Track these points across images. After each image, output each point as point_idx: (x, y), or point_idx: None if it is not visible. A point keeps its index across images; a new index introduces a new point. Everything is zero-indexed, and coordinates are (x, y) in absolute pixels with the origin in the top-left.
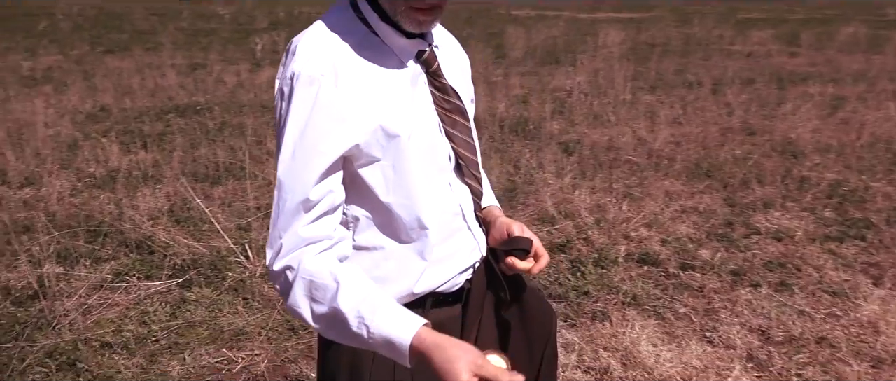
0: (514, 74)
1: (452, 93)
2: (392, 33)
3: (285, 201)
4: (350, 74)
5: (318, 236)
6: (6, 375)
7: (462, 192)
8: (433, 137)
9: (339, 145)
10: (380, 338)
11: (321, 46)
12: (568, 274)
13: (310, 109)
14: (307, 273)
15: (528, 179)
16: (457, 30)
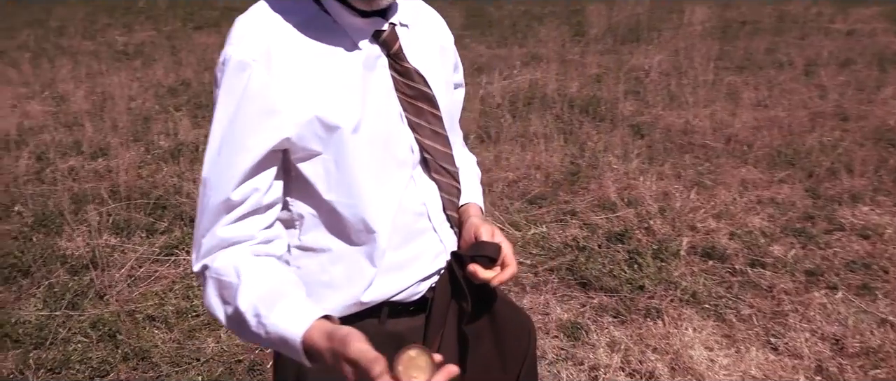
0: (591, 52)
1: (417, 78)
2: (343, 11)
3: (209, 199)
4: (286, 58)
5: (239, 237)
6: (48, 343)
7: (428, 188)
8: (390, 127)
9: (266, 141)
10: (277, 337)
11: (257, 27)
12: (624, 266)
13: (238, 100)
14: (215, 272)
15: (592, 163)
16: (537, 6)
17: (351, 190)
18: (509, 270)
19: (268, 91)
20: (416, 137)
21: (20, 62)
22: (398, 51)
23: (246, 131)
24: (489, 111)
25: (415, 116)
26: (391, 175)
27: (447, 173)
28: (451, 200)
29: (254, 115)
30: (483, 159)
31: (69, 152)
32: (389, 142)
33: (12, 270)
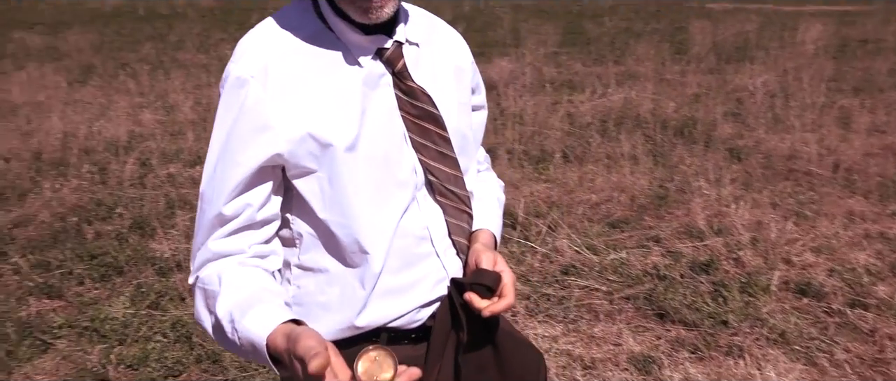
0: (691, 71)
1: (423, 97)
2: (346, 29)
3: (204, 213)
4: (282, 75)
5: (230, 251)
6: (130, 340)
7: (432, 212)
8: (392, 146)
9: (257, 156)
10: (247, 342)
11: (258, 45)
12: (707, 298)
13: (235, 116)
14: (202, 282)
15: (681, 188)
16: (641, 24)
17: (344, 210)
18: (505, 301)
19: (262, 107)
20: (420, 157)
21: (139, 74)
22: (402, 69)
23: (239, 147)
24: (576, 131)
25: (419, 136)
26: (390, 196)
27: (454, 197)
28: (459, 224)
29: (247, 130)
30: (566, 180)
31: (171, 160)
32: (390, 162)
33: (108, 268)
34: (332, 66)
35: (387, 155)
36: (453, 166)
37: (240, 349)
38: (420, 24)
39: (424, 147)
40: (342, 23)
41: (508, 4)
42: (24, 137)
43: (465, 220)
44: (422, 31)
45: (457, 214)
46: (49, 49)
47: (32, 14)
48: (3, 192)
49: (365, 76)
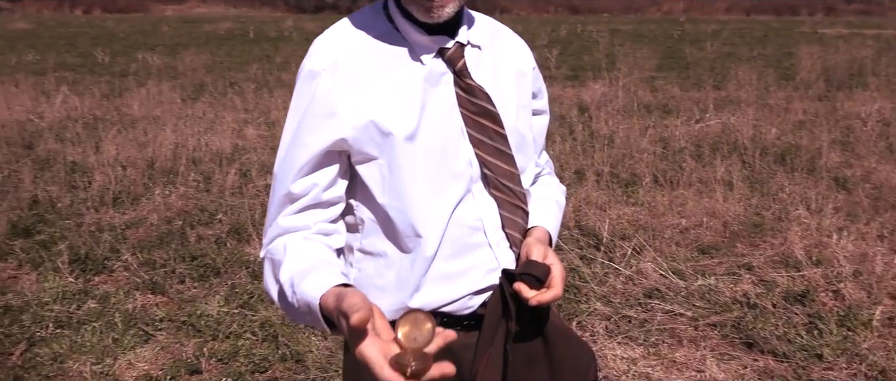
0: (798, 98)
1: (481, 95)
2: (411, 29)
3: (275, 192)
4: (350, 67)
5: (297, 226)
6: (222, 336)
7: (486, 204)
8: (449, 140)
9: (324, 139)
10: (304, 304)
11: (329, 42)
12: (801, 330)
13: (306, 105)
14: (270, 253)
15: (779, 216)
16: (745, 49)
17: (401, 196)
18: (552, 292)
19: (330, 96)
20: (476, 152)
21: (246, 92)
22: (462, 68)
23: (308, 131)
24: (669, 155)
25: (477, 131)
26: (445, 185)
27: (509, 191)
28: (512, 218)
29: (316, 116)
30: (655, 204)
31: (269, 171)
32: (447, 154)
33: (207, 269)
34: (397, 63)
35: (444, 147)
36: (509, 163)
37: (299, 314)
38: (484, 29)
39: (481, 142)
40: (408, 24)
41: (606, 29)
42: (140, 147)
43: (520, 215)
44: (485, 36)
45: (511, 208)
46: (167, 68)
47: (154, 37)
48: (119, 196)
49: (427, 73)
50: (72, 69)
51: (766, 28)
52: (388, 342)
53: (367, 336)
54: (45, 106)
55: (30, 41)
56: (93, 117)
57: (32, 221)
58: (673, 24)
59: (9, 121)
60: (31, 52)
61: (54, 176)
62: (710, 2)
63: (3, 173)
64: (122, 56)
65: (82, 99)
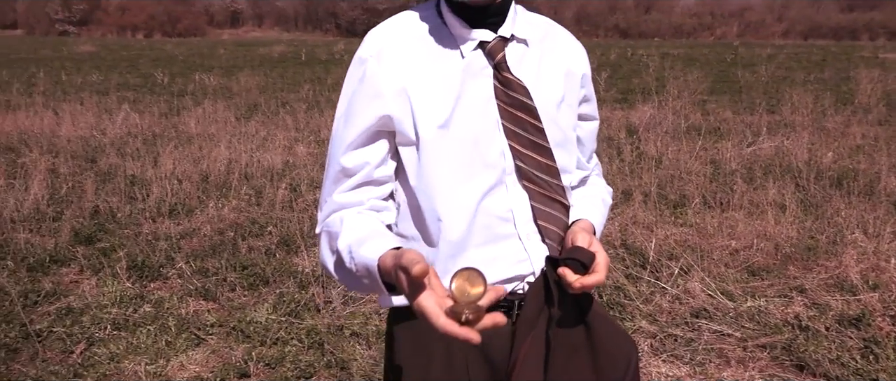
0: (857, 122)
1: (519, 88)
2: (456, 22)
3: (329, 171)
4: (395, 55)
5: (351, 202)
6: (270, 342)
7: (518, 196)
8: (482, 131)
9: (370, 117)
10: (362, 267)
11: (380, 32)
12: (855, 354)
13: (354, 87)
14: (328, 226)
15: (833, 239)
16: (802, 73)
17: (429, 180)
18: (595, 276)
19: (376, 79)
20: (510, 143)
21: (297, 111)
22: (501, 61)
23: (356, 110)
24: (719, 177)
25: (512, 124)
26: (475, 174)
27: (544, 184)
28: (546, 210)
29: (364, 97)
30: (705, 225)
31: (317, 186)
32: (479, 144)
33: (256, 279)
34: (440, 54)
35: (477, 138)
36: (546, 156)
37: (357, 279)
38: (538, 27)
39: (516, 135)
40: (454, 17)
41: (657, 53)
42: (195, 163)
43: (556, 208)
44: (537, 33)
45: (545, 200)
46: (223, 89)
47: (211, 59)
48: (175, 208)
49: (466, 65)
50: (133, 89)
51: (824, 52)
52: (442, 296)
53: (425, 289)
54: (108, 123)
55: (94, 63)
56: (151, 134)
57: (94, 229)
58: (726, 49)
59: (74, 137)
60: (95, 73)
61: (115, 188)
62: (765, 26)
63: (68, 185)
64: (181, 77)
65: (142, 117)
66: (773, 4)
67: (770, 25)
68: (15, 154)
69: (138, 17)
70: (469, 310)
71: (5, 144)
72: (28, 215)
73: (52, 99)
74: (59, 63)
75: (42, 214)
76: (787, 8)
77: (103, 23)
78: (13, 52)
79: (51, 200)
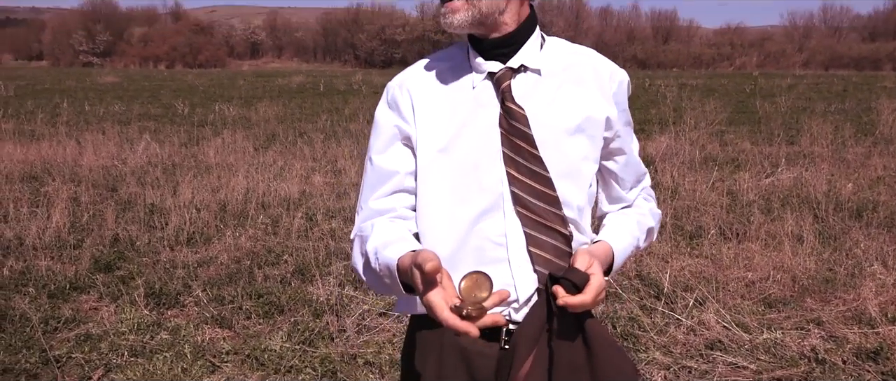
0: (878, 153)
1: (519, 117)
2: (473, 54)
3: (364, 183)
4: (417, 85)
5: (384, 209)
6: (284, 370)
7: (512, 221)
8: (483, 156)
9: (393, 128)
10: (385, 268)
11: (412, 66)
12: None
13: (381, 110)
14: (359, 230)
15: (852, 271)
16: (822, 103)
17: (426, 197)
18: (578, 297)
19: (399, 100)
20: (508, 170)
21: (314, 141)
22: (507, 90)
23: (381, 126)
24: (736, 208)
25: (511, 151)
26: (470, 196)
27: (540, 211)
28: (540, 237)
29: (389, 114)
30: (721, 256)
31: (333, 216)
32: (479, 169)
33: (271, 307)
34: (455, 83)
35: (477, 163)
36: (544, 184)
37: (381, 280)
38: (561, 56)
39: (514, 162)
40: (472, 50)
41: (675, 83)
42: (213, 192)
43: (552, 235)
44: (556, 62)
45: (540, 228)
46: (242, 119)
47: (231, 90)
48: (193, 236)
49: (476, 94)
50: (154, 119)
51: (845, 82)
52: (451, 295)
53: (436, 286)
54: (129, 152)
55: (117, 93)
56: (171, 163)
57: (113, 257)
58: (746, 79)
59: (96, 166)
60: (117, 104)
61: (134, 216)
62: (785, 56)
63: (89, 213)
64: (201, 107)
65: (162, 146)
66: (793, 34)
67: (790, 55)
68: (38, 183)
69: (160, 48)
70: (472, 307)
71: (29, 173)
72: (50, 242)
73: (75, 129)
74: (83, 94)
75: (63, 241)
76: (807, 38)
77: (126, 54)
78: (38, 83)
79: (72, 228)
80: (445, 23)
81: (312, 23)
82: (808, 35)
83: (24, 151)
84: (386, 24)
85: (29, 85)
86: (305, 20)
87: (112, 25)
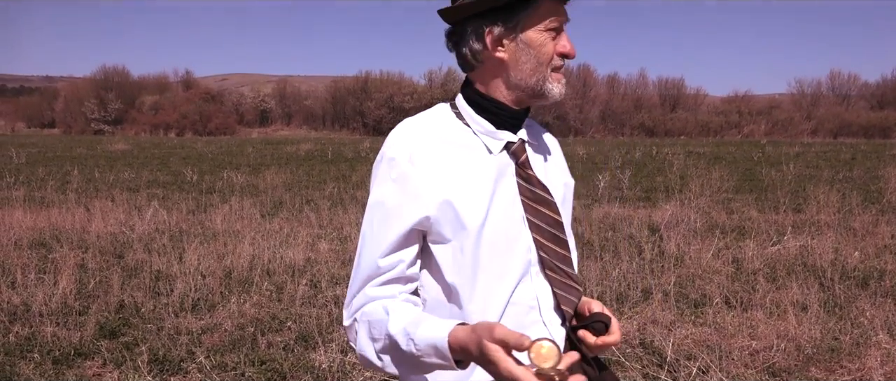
0: (886, 222)
1: (538, 185)
2: (483, 124)
3: (361, 266)
4: (427, 156)
5: (384, 296)
6: None
7: (541, 285)
8: (511, 226)
9: (410, 218)
10: (426, 346)
11: (406, 131)
12: None
13: (389, 187)
14: (366, 316)
15: (858, 340)
16: (830, 171)
17: (469, 277)
18: (612, 336)
19: (411, 179)
20: (534, 237)
21: (321, 208)
22: (525, 161)
23: (394, 211)
24: (742, 276)
25: (535, 218)
26: (507, 269)
27: (563, 273)
28: (567, 296)
29: (401, 197)
30: (725, 325)
31: (338, 283)
32: (510, 239)
33: (274, 374)
34: (469, 154)
35: (508, 233)
36: (563, 247)
37: (413, 359)
38: (533, 128)
39: (539, 228)
40: (479, 118)
41: (682, 151)
42: (219, 258)
43: (574, 293)
44: (535, 134)
45: (564, 287)
46: (249, 186)
47: (240, 157)
48: (198, 303)
49: (495, 165)
50: (163, 186)
51: (853, 150)
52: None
53: (512, 359)
54: (137, 219)
55: (127, 161)
56: (179, 230)
57: (118, 323)
58: (753, 147)
59: (104, 233)
60: (127, 171)
61: (140, 283)
62: (793, 124)
63: (96, 280)
64: (209, 175)
65: (170, 213)
66: (801, 102)
67: (799, 124)
68: (46, 249)
69: (171, 116)
70: (557, 374)
71: (38, 239)
72: (56, 308)
73: (85, 196)
74: (93, 161)
75: (69, 308)
76: (815, 106)
77: (137, 122)
78: (50, 151)
79: (78, 294)
80: (555, 92)
81: (321, 91)
82: (816, 103)
83: (34, 217)
84: (394, 92)
85: (40, 152)
86: (314, 88)
87: (124, 93)
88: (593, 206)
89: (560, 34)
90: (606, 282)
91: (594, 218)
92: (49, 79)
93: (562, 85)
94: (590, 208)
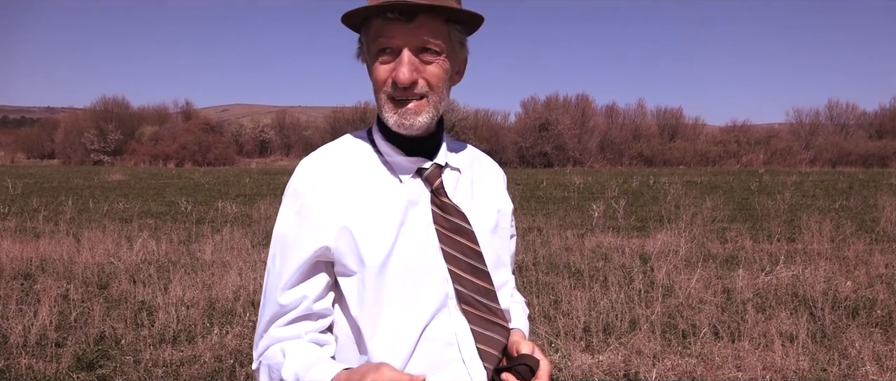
0: (880, 251)
1: (455, 213)
2: (392, 151)
3: (265, 305)
4: (332, 185)
5: (289, 336)
6: None
7: (459, 320)
8: (425, 257)
9: (308, 248)
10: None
11: (313, 162)
12: None
13: (290, 219)
14: (266, 359)
15: (846, 372)
16: (826, 200)
17: (375, 310)
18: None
19: (312, 210)
20: (450, 268)
21: None
22: (439, 187)
23: (293, 243)
24: (731, 306)
25: (451, 248)
26: (418, 301)
27: (483, 307)
28: (486, 334)
29: (300, 229)
30: (712, 356)
31: None
32: (423, 270)
33: None
34: (378, 182)
35: (420, 265)
36: (484, 279)
37: None
38: (465, 154)
39: (455, 259)
40: (389, 145)
41: (680, 180)
42: (205, 289)
43: (496, 330)
44: (465, 160)
45: (485, 324)
46: (242, 216)
47: (236, 187)
48: (179, 334)
49: (406, 192)
50: (156, 216)
51: (851, 179)
52: None
53: None
54: (126, 250)
55: (122, 191)
56: (167, 260)
57: (96, 355)
58: (751, 176)
59: (90, 263)
60: (121, 201)
61: (122, 314)
62: (792, 153)
63: (77, 311)
64: (204, 205)
65: (159, 244)
66: (799, 132)
67: (797, 153)
68: (31, 281)
69: (170, 147)
70: None
71: (24, 270)
72: (34, 340)
73: (76, 226)
74: (89, 191)
75: (47, 339)
76: (814, 135)
77: (137, 152)
78: (46, 182)
79: (59, 326)
80: (406, 124)
81: (321, 121)
82: (815, 132)
83: (21, 248)
84: None
85: (37, 183)
86: (314, 119)
87: (124, 124)
88: (587, 235)
89: (398, 57)
90: (594, 312)
91: (587, 247)
92: (50, 110)
93: (398, 115)
94: (583, 238)
